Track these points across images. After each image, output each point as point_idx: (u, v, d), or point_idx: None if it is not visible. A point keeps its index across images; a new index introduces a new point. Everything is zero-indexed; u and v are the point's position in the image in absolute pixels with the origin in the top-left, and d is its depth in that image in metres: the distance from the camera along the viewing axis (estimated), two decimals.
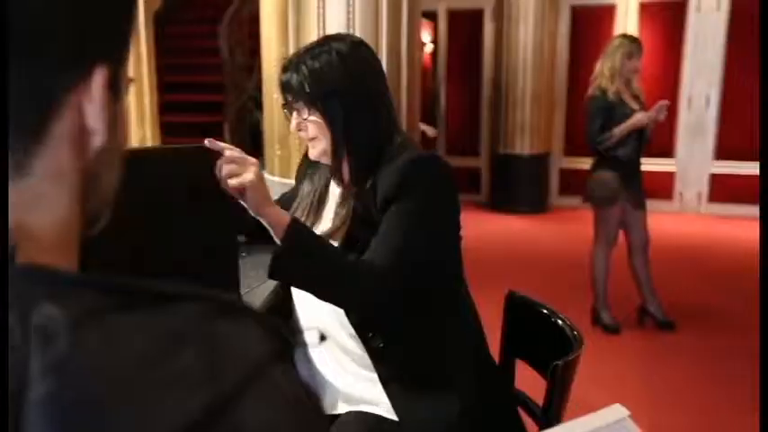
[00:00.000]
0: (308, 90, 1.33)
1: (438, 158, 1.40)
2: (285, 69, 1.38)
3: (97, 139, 0.42)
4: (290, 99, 1.38)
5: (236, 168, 1.22)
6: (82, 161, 0.42)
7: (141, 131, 4.92)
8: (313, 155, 1.41)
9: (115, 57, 0.43)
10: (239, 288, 1.41)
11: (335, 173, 1.41)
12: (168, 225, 1.25)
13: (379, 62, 1.46)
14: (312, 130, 1.37)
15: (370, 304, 1.32)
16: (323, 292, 1.31)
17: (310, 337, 1.43)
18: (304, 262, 1.26)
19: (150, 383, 0.34)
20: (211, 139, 1.26)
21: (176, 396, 0.34)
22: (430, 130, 6.04)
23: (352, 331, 1.36)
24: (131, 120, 4.85)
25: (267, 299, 1.46)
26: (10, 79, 0.37)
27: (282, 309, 1.48)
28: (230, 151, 1.24)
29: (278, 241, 1.25)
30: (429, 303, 1.38)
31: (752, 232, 6.08)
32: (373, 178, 1.34)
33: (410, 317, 1.36)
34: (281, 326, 0.42)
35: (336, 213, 1.40)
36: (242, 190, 1.22)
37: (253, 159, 1.26)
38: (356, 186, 1.37)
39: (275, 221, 1.25)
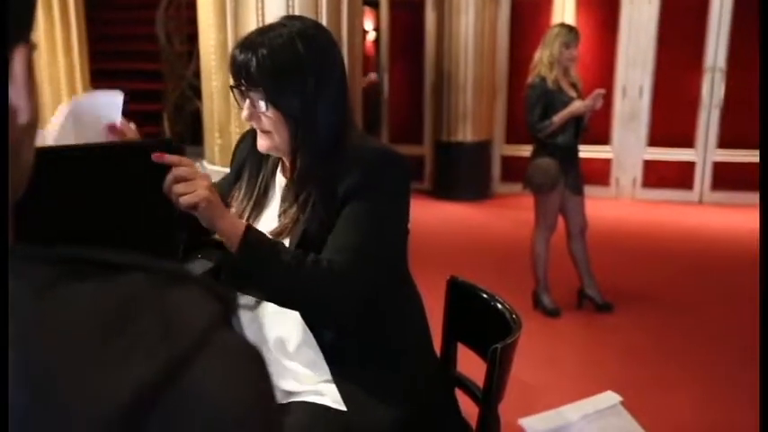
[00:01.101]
0: (265, 80, 1.24)
1: (400, 157, 1.35)
2: (240, 49, 1.26)
3: (22, 116, 0.42)
4: (243, 84, 1.27)
5: (184, 187, 1.15)
6: (10, 138, 0.42)
7: None
8: (263, 147, 1.32)
9: (30, 30, 0.43)
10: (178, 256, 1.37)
11: (290, 167, 1.34)
12: (112, 210, 1.21)
13: (338, 45, 1.37)
14: (266, 123, 1.28)
15: (331, 308, 1.28)
16: (282, 301, 1.27)
17: (245, 299, 1.38)
18: (262, 274, 1.22)
19: (108, 350, 0.35)
20: (158, 153, 1.16)
21: (133, 361, 0.35)
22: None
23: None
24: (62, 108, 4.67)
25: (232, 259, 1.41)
26: None
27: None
28: (178, 169, 1.16)
29: (231, 251, 1.20)
30: (378, 297, 1.35)
31: (683, 216, 6.31)
32: (330, 168, 1.28)
33: (364, 311, 1.33)
34: (225, 290, 0.43)
35: (283, 209, 1.35)
36: (195, 206, 1.16)
37: (203, 173, 1.19)
38: (311, 183, 1.30)
39: (229, 234, 1.20)
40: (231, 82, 1.32)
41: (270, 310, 1.37)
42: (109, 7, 7.14)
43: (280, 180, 1.41)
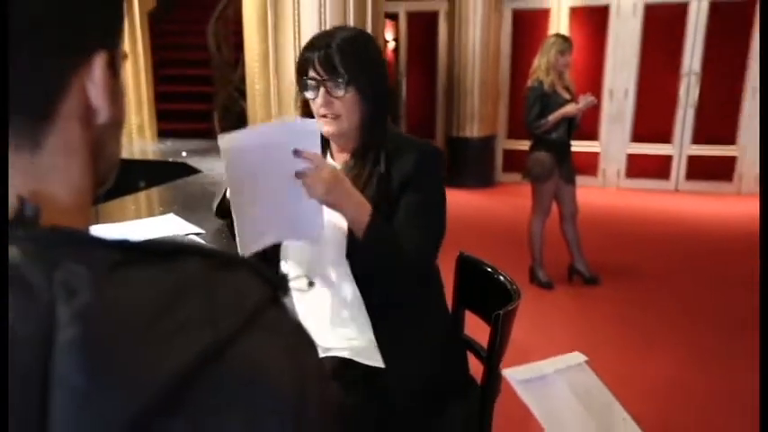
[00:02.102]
0: (347, 67, 1.24)
1: (443, 151, 1.40)
2: (317, 48, 1.26)
3: (102, 116, 0.42)
4: (322, 76, 1.25)
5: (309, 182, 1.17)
6: (89, 135, 0.42)
7: (139, 118, 4.79)
8: (331, 132, 1.29)
9: (113, 40, 0.43)
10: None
11: (350, 151, 1.34)
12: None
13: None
14: (339, 107, 1.27)
15: (412, 278, 1.31)
16: (385, 277, 1.29)
17: (298, 284, 1.38)
18: (384, 251, 1.24)
19: (159, 328, 0.34)
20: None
21: (182, 339, 0.34)
22: None
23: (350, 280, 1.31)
24: (131, 108, 4.71)
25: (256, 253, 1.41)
26: (20, 66, 0.36)
27: (270, 259, 1.42)
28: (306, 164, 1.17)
29: (355, 230, 1.22)
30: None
31: (660, 202, 6.22)
32: (386, 158, 1.29)
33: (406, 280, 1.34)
34: (274, 274, 0.42)
35: None
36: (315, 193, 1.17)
37: (326, 167, 1.18)
38: (372, 161, 1.30)
39: (357, 214, 1.21)
40: (300, 78, 1.31)
41: (321, 289, 1.36)
42: (168, 21, 7.16)
43: (332, 164, 1.39)
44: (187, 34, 6.95)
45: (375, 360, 1.31)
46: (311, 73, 1.28)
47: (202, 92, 6.27)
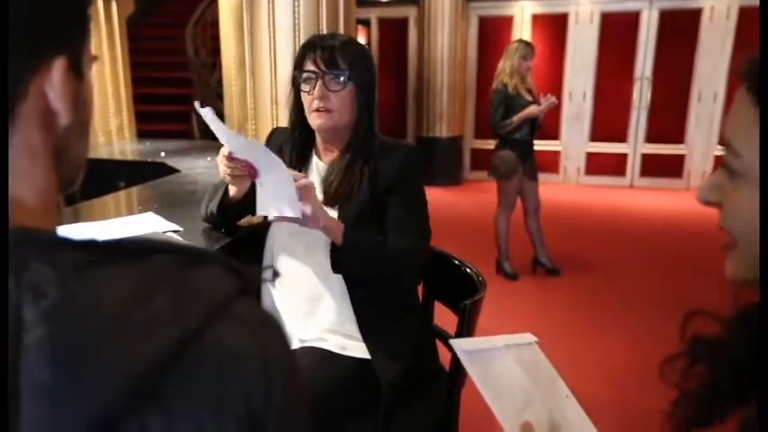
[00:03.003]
0: (348, 62, 1.24)
1: (422, 151, 1.40)
2: (320, 43, 1.26)
3: (63, 119, 0.40)
4: (322, 69, 1.25)
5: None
6: (51, 138, 0.40)
7: (119, 119, 4.68)
8: (323, 125, 1.28)
9: (74, 45, 0.41)
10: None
11: (340, 147, 1.33)
12: None
13: None
14: (335, 101, 1.26)
15: (401, 278, 1.32)
16: (369, 276, 1.29)
17: (266, 274, 1.36)
18: (364, 258, 1.24)
19: (128, 324, 0.33)
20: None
21: (151, 333, 0.34)
22: None
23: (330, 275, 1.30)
24: (111, 110, 4.60)
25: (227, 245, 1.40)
26: None
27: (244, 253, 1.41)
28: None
29: (336, 241, 1.21)
30: None
31: (617, 197, 6.34)
32: (374, 159, 1.29)
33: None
34: (245, 268, 0.41)
35: (325, 187, 1.31)
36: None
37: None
38: (362, 159, 1.29)
39: (333, 228, 1.21)
40: (309, 68, 1.29)
41: (301, 281, 1.34)
42: (147, 25, 7.01)
43: (317, 163, 1.38)
44: (166, 38, 6.82)
45: (360, 351, 1.30)
46: (310, 66, 1.27)
47: (181, 94, 6.16)
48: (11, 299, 0.32)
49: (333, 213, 1.28)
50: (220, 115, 1.53)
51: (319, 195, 1.31)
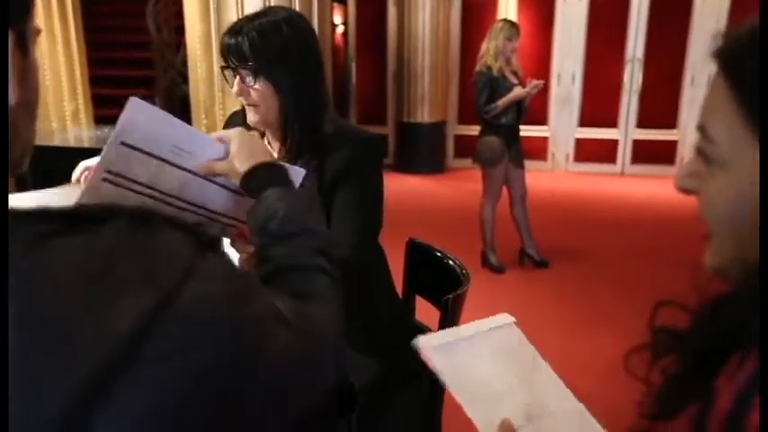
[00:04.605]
0: (256, 55, 1.20)
1: (380, 140, 1.35)
2: (231, 33, 1.22)
3: (11, 97, 0.40)
4: (234, 64, 1.23)
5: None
6: (8, 138, 0.41)
7: (74, 103, 4.58)
8: (253, 121, 1.27)
9: (20, 18, 0.40)
10: None
11: (281, 141, 1.30)
12: None
13: (315, 32, 1.33)
14: (255, 96, 1.24)
15: (351, 271, 1.28)
16: None
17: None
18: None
19: (99, 295, 0.34)
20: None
21: (123, 301, 0.35)
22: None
23: None
24: (64, 94, 4.50)
25: None
26: None
27: None
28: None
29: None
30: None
31: (607, 185, 6.42)
32: (316, 141, 1.26)
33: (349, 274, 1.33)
34: (194, 225, 0.43)
35: None
36: None
37: None
38: (301, 155, 1.26)
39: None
40: (222, 63, 1.28)
41: None
42: (104, 2, 6.85)
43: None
44: (125, 15, 6.67)
45: None
46: (230, 60, 1.24)
47: (143, 76, 6.05)
48: None
49: None
50: (185, 99, 1.50)
51: None
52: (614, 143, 6.96)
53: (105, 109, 5.36)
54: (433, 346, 0.70)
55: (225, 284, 0.40)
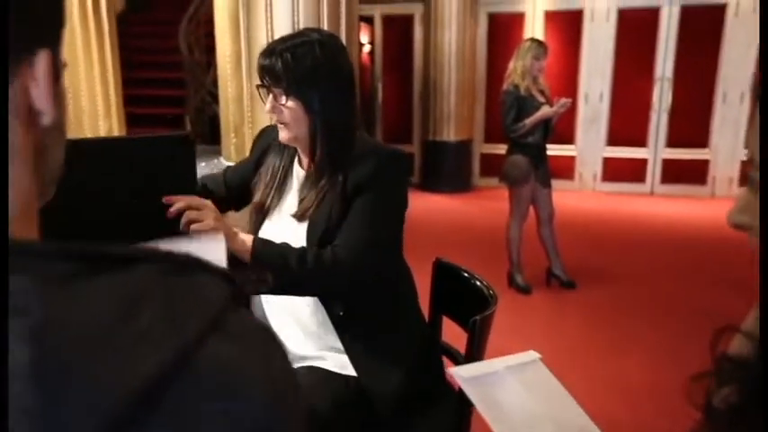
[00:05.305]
0: (288, 76, 1.24)
1: (405, 157, 1.37)
2: (266, 55, 1.27)
3: (45, 119, 0.40)
4: (267, 83, 1.29)
5: (196, 215, 1.16)
6: (32, 138, 0.40)
7: (108, 122, 4.70)
8: (284, 138, 1.32)
9: (56, 38, 0.41)
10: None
11: (309, 158, 1.33)
12: (144, 207, 1.16)
13: (348, 54, 1.37)
14: (287, 115, 1.28)
15: (334, 292, 1.31)
16: (297, 293, 1.29)
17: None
18: (275, 274, 1.23)
19: (120, 342, 0.33)
20: (168, 197, 1.16)
21: (144, 349, 0.33)
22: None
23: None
24: (99, 113, 4.63)
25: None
26: None
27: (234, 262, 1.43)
28: (192, 199, 1.17)
29: (246, 261, 1.22)
30: (381, 276, 1.36)
31: (636, 205, 6.33)
32: (344, 160, 1.29)
33: (367, 288, 1.33)
34: (232, 274, 0.40)
35: (302, 196, 1.34)
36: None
37: (210, 204, 1.20)
38: (328, 172, 1.29)
39: (241, 251, 1.21)
40: (257, 83, 1.32)
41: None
42: (138, 23, 7.06)
43: (297, 171, 1.40)
44: (158, 36, 6.87)
45: (345, 368, 1.31)
46: (264, 80, 1.29)
47: (174, 95, 6.20)
48: None
49: (303, 227, 1.31)
50: (215, 119, 1.56)
51: (294, 207, 1.34)
52: (643, 162, 6.87)
53: (138, 128, 5.50)
54: (466, 378, 0.74)
55: (251, 346, 0.38)
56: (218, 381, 0.35)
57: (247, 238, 1.25)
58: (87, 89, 4.51)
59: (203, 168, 2.96)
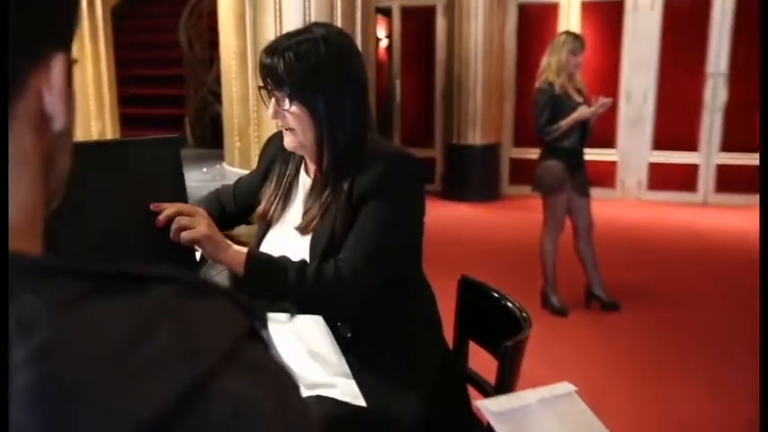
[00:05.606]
0: (290, 78, 1.25)
1: (415, 159, 1.36)
2: (268, 53, 1.28)
3: (57, 124, 0.42)
4: (270, 85, 1.30)
5: (187, 221, 1.19)
6: (42, 145, 0.41)
7: (101, 123, 4.78)
8: (289, 145, 1.34)
9: (70, 40, 0.43)
10: (199, 267, 1.38)
11: (316, 165, 1.35)
12: (132, 212, 1.20)
13: (359, 51, 1.38)
14: (290, 120, 1.29)
15: (336, 308, 1.31)
16: (296, 306, 1.30)
17: (279, 315, 1.38)
18: (270, 289, 1.26)
19: (131, 366, 0.33)
20: (155, 204, 1.19)
21: (156, 377, 0.33)
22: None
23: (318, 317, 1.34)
24: (91, 113, 4.72)
25: (232, 277, 1.43)
26: None
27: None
28: (182, 206, 1.21)
29: (239, 274, 1.25)
30: (394, 293, 1.36)
31: (687, 216, 6.26)
32: (351, 168, 1.30)
33: (377, 307, 1.34)
34: (251, 303, 0.41)
35: (306, 207, 1.36)
36: (196, 241, 1.20)
37: (202, 211, 1.23)
38: (334, 181, 1.31)
39: (233, 263, 1.24)
40: (260, 83, 1.34)
41: (300, 321, 1.37)
42: (135, 16, 7.18)
43: (304, 179, 1.42)
44: (156, 31, 6.98)
45: (357, 398, 1.30)
46: (266, 81, 1.31)
47: (173, 95, 6.29)
48: None
49: (306, 240, 1.32)
50: (218, 120, 1.61)
51: (298, 218, 1.35)
52: (694, 168, 6.80)
53: (133, 129, 5.58)
54: (495, 412, 0.73)
55: (265, 381, 0.39)
56: (231, 414, 0.35)
57: (241, 250, 1.26)
58: (79, 87, 4.60)
59: (205, 174, 2.99)
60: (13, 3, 0.37)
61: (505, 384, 1.26)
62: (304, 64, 1.25)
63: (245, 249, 1.27)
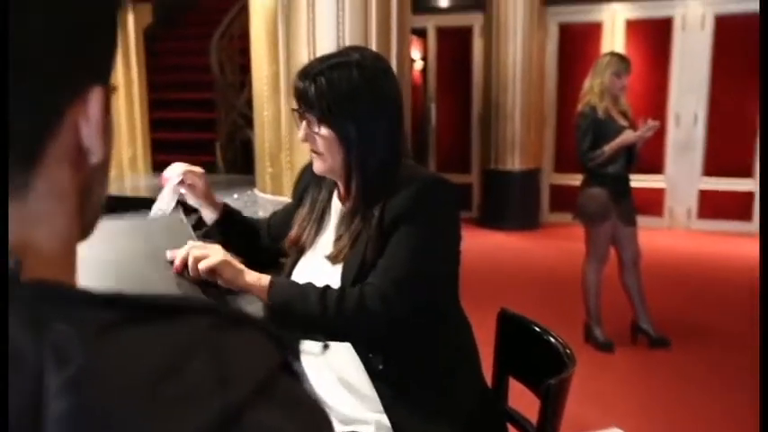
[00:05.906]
0: (321, 102, 1.29)
1: (449, 183, 1.38)
2: (301, 77, 1.33)
3: (94, 158, 0.43)
4: (301, 108, 1.34)
5: (201, 252, 1.26)
6: (79, 179, 0.43)
7: (132, 149, 4.91)
8: (318, 169, 1.37)
9: (108, 72, 0.45)
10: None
11: (345, 191, 1.38)
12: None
13: (395, 75, 1.41)
14: (320, 144, 1.33)
15: (361, 336, 1.32)
16: (320, 334, 1.33)
17: (312, 346, 1.40)
18: (293, 314, 1.28)
19: (164, 396, 0.34)
20: (171, 250, 1.30)
21: (189, 407, 0.35)
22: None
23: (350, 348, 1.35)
24: (122, 139, 4.85)
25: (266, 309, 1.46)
26: (9, 96, 0.37)
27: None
28: (185, 249, 1.29)
29: (262, 300, 1.29)
30: (427, 324, 1.36)
31: (741, 248, 6.11)
32: (381, 196, 1.32)
33: (410, 338, 1.34)
34: (286, 336, 0.42)
35: (338, 234, 1.38)
36: (214, 269, 1.25)
37: (215, 244, 1.31)
38: (364, 207, 1.33)
39: (255, 288, 1.28)
40: (294, 106, 1.39)
41: (335, 353, 1.38)
42: (166, 39, 7.39)
43: (336, 205, 1.44)
44: (187, 54, 7.17)
45: (378, 429, 1.31)
46: (299, 104, 1.35)
47: (203, 119, 6.42)
48: (29, 363, 0.33)
49: (337, 270, 1.34)
50: (248, 145, 1.69)
51: (329, 246, 1.37)
52: (748, 196, 6.66)
53: (164, 154, 5.71)
54: None
55: (298, 416, 0.39)
56: None
57: (264, 276, 1.30)
58: (113, 114, 4.74)
59: (236, 201, 3.04)
60: (49, 34, 0.38)
61: (547, 425, 1.24)
62: (335, 89, 1.29)
63: (267, 276, 1.29)
